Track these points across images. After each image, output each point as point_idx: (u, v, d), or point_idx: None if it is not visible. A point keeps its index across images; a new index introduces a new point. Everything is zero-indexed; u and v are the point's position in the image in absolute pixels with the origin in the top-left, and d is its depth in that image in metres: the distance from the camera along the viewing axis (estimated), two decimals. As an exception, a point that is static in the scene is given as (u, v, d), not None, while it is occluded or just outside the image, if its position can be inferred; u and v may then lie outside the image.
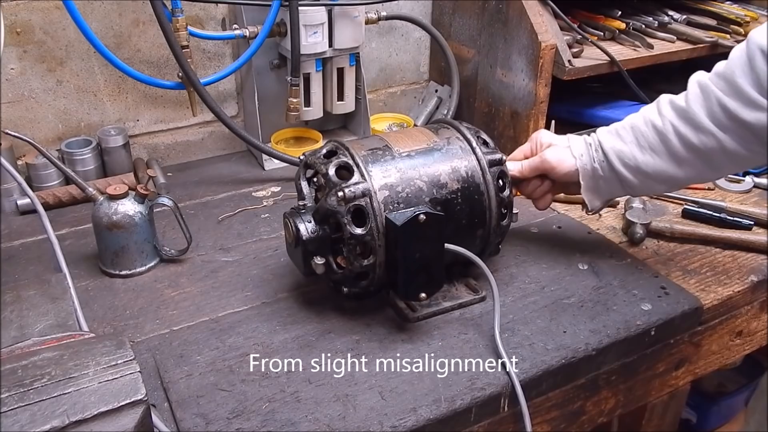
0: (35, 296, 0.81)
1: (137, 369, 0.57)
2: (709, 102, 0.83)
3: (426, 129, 0.91)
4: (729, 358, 1.10)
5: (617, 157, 0.90)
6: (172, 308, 0.90)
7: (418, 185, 0.82)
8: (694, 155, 0.85)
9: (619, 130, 0.92)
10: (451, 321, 0.87)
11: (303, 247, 0.82)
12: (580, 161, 0.93)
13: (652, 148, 0.88)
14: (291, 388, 0.76)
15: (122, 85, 1.24)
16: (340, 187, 0.79)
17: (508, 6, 1.24)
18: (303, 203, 0.85)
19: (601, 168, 0.92)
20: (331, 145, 0.85)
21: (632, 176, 0.90)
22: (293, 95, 1.23)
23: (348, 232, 0.79)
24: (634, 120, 0.91)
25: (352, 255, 0.80)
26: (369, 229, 0.79)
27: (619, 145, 0.90)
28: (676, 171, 0.88)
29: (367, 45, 1.44)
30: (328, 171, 0.81)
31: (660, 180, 0.90)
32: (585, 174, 0.93)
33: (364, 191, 0.79)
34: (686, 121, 0.85)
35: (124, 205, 0.93)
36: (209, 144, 1.37)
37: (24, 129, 1.17)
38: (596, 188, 0.94)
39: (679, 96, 0.87)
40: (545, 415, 0.87)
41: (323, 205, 0.80)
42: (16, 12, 1.11)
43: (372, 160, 0.82)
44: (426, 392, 0.75)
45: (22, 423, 0.51)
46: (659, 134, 0.87)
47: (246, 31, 1.17)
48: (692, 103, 0.84)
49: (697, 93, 0.84)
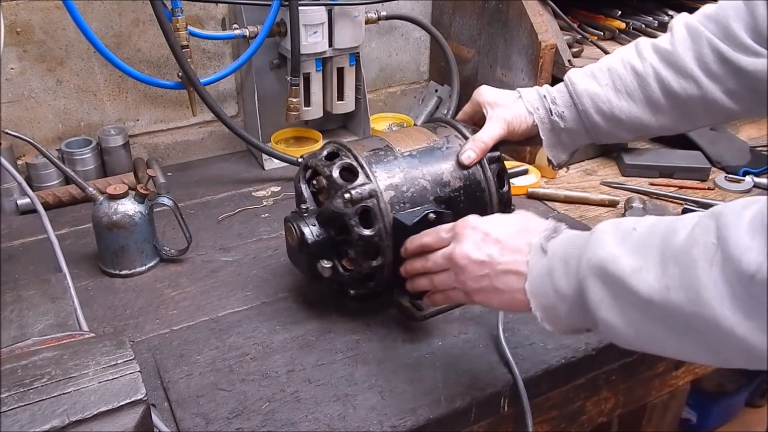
0: (35, 296, 0.81)
1: (137, 369, 0.57)
2: (698, 45, 0.79)
3: (424, 128, 0.91)
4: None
5: (591, 100, 0.84)
6: (172, 308, 0.90)
7: (422, 184, 0.82)
8: (672, 103, 0.82)
9: (594, 71, 0.86)
10: (451, 321, 0.87)
11: (308, 251, 0.81)
12: (537, 115, 0.87)
13: (629, 92, 0.83)
14: (291, 388, 0.76)
15: (122, 85, 1.24)
16: (346, 188, 0.78)
17: (508, 6, 1.24)
18: (305, 206, 0.84)
19: (562, 119, 0.86)
20: (331, 147, 0.85)
21: (603, 122, 0.85)
22: (293, 95, 1.23)
23: (356, 234, 0.78)
24: (612, 62, 0.85)
25: (360, 257, 0.80)
26: (377, 230, 0.79)
27: (593, 87, 0.84)
28: (650, 119, 0.83)
29: (367, 45, 1.44)
30: (332, 173, 0.80)
31: (631, 128, 0.85)
32: (544, 129, 0.87)
33: (371, 192, 0.79)
34: (669, 65, 0.81)
35: (124, 205, 0.93)
36: (209, 144, 1.37)
37: (24, 129, 1.17)
38: (558, 142, 0.88)
39: (662, 38, 0.83)
40: (545, 414, 0.87)
41: (328, 207, 0.80)
42: (16, 12, 1.11)
43: (375, 160, 0.82)
44: (426, 392, 0.75)
45: (22, 423, 0.51)
46: (638, 78, 0.82)
47: (246, 31, 1.17)
48: (678, 45, 0.80)
49: (684, 35, 0.80)
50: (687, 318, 0.50)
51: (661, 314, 0.52)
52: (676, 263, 0.51)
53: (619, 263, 0.54)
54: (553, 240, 0.63)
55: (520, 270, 0.63)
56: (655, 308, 0.52)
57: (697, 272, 0.49)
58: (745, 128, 1.50)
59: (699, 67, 0.79)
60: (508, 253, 0.65)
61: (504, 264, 0.65)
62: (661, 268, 0.52)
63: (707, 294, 0.48)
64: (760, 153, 1.34)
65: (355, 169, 0.80)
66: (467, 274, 0.67)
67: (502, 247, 0.65)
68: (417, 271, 0.75)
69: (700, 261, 0.49)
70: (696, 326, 0.50)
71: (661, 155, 1.33)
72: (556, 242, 0.62)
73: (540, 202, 1.18)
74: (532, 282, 0.62)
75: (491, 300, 0.67)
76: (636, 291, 0.53)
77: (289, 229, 0.84)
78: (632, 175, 1.27)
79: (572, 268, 0.58)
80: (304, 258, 0.82)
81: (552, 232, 0.64)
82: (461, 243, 0.68)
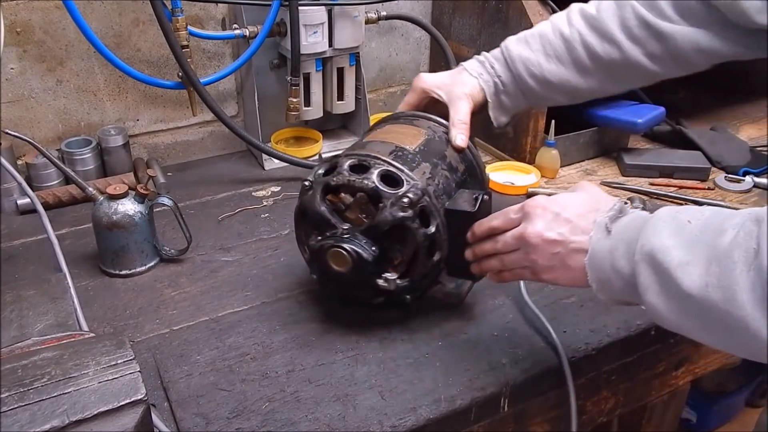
0: (35, 296, 0.81)
1: (137, 369, 0.57)
2: (622, 11, 0.85)
3: (405, 124, 0.90)
4: (729, 357, 1.10)
5: (523, 64, 0.90)
6: (172, 308, 0.90)
7: (444, 175, 0.84)
8: (597, 65, 0.87)
9: (527, 37, 0.91)
10: (451, 320, 0.87)
11: (370, 271, 0.78)
12: (482, 79, 0.92)
13: (558, 56, 0.88)
14: (291, 388, 0.76)
15: (122, 85, 1.24)
16: (402, 194, 0.76)
17: (508, 6, 1.24)
18: (345, 227, 0.78)
19: (502, 82, 0.91)
20: (352, 160, 0.80)
21: (537, 85, 0.90)
22: (293, 95, 1.23)
23: (421, 235, 0.77)
24: (543, 28, 0.91)
25: (423, 256, 0.79)
26: (436, 225, 0.79)
27: (526, 52, 0.90)
28: (579, 81, 0.89)
29: (367, 45, 1.44)
30: (377, 184, 0.77)
31: (563, 90, 0.91)
32: (489, 91, 0.92)
33: (423, 191, 0.78)
34: (594, 30, 0.86)
35: (124, 205, 0.93)
36: (209, 144, 1.37)
37: (24, 129, 1.17)
38: (500, 104, 0.93)
39: (590, 4, 0.88)
40: (545, 414, 0.87)
41: (384, 219, 0.76)
42: (16, 12, 1.11)
43: (402, 162, 0.81)
44: (426, 392, 0.76)
45: (22, 423, 0.51)
46: (566, 42, 0.88)
47: (246, 31, 1.17)
48: (604, 12, 0.86)
49: (610, 2, 0.86)
50: (720, 315, 0.54)
51: (698, 309, 0.55)
52: (718, 263, 0.54)
53: (669, 254, 0.57)
54: (618, 221, 0.65)
55: (588, 248, 0.66)
56: (693, 302, 0.55)
57: (735, 274, 0.52)
58: (745, 128, 1.50)
59: (622, 32, 0.85)
60: (579, 232, 0.67)
61: (575, 243, 0.67)
62: (705, 265, 0.55)
63: (742, 296, 0.52)
64: (760, 153, 1.34)
65: (395, 174, 0.79)
66: (539, 253, 0.69)
67: (573, 227, 0.67)
68: (486, 253, 0.77)
69: (739, 264, 0.52)
70: (728, 324, 0.54)
71: (661, 155, 1.33)
72: (621, 223, 0.65)
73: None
74: (593, 257, 0.65)
75: (560, 278, 0.69)
76: (679, 283, 0.56)
77: (336, 256, 0.77)
78: (632, 175, 1.27)
79: (630, 250, 0.61)
80: (364, 280, 0.78)
81: (618, 213, 0.66)
82: (533, 223, 0.69)
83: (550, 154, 1.25)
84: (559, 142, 1.25)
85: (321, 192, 0.79)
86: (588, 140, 1.32)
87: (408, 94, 0.96)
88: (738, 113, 1.58)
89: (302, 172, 1.25)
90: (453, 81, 0.92)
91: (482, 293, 0.92)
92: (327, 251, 0.78)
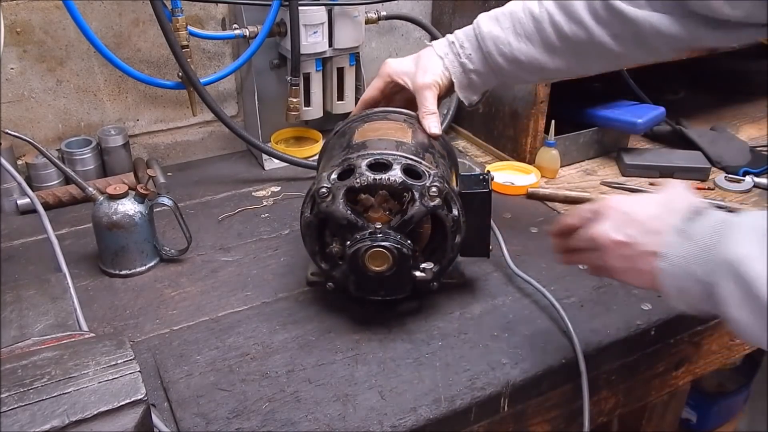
0: (35, 296, 0.81)
1: (137, 369, 0.57)
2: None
3: (386, 120, 0.92)
4: (729, 357, 1.10)
5: (494, 43, 0.90)
6: (172, 308, 0.90)
7: (442, 162, 0.87)
8: (565, 45, 0.88)
9: (498, 15, 0.91)
10: (452, 320, 0.87)
11: (410, 265, 0.79)
12: (447, 60, 0.92)
13: (527, 35, 0.89)
14: (291, 388, 0.76)
15: (122, 85, 1.24)
16: (429, 183, 0.77)
17: (508, 6, 1.24)
18: (378, 227, 0.77)
19: (470, 61, 0.92)
20: (368, 160, 0.79)
21: (506, 63, 0.91)
22: (293, 95, 1.23)
23: (450, 221, 0.79)
24: (514, 7, 0.91)
25: (451, 242, 0.81)
26: (458, 209, 0.81)
27: (496, 30, 0.90)
28: (547, 61, 0.90)
29: (367, 45, 1.44)
30: (405, 179, 0.77)
31: (532, 70, 0.92)
32: (455, 71, 0.93)
33: (443, 177, 0.80)
34: (562, 10, 0.87)
35: (124, 205, 0.93)
36: (209, 144, 1.37)
37: (24, 129, 1.17)
38: (469, 83, 0.94)
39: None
40: (545, 414, 0.87)
41: (418, 211, 0.77)
42: (16, 12, 1.11)
43: (413, 154, 0.82)
44: (426, 392, 0.76)
45: (22, 423, 0.51)
46: (535, 22, 0.88)
47: (246, 31, 1.17)
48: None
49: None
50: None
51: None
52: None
53: (752, 265, 0.54)
54: (696, 223, 0.62)
55: (660, 251, 0.63)
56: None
57: None
58: (745, 128, 1.50)
59: (589, 13, 0.85)
60: (650, 234, 0.64)
61: (646, 245, 0.64)
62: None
63: None
64: (760, 153, 1.34)
65: (415, 167, 0.79)
66: (609, 254, 0.68)
67: (645, 229, 0.65)
68: (564, 249, 0.77)
69: None
70: None
71: (661, 155, 1.33)
72: (699, 226, 0.61)
73: (540, 203, 1.18)
74: (670, 263, 0.61)
75: (632, 279, 0.68)
76: (761, 296, 0.53)
77: (376, 256, 0.77)
78: (632, 175, 1.27)
79: (709, 257, 0.58)
80: (403, 274, 0.79)
81: (694, 215, 0.63)
82: (603, 223, 0.68)
83: (550, 154, 1.25)
84: (559, 142, 1.25)
85: (343, 196, 0.78)
86: (588, 140, 1.32)
87: (374, 79, 0.98)
88: (738, 113, 1.58)
89: (302, 172, 1.25)
90: (417, 67, 0.93)
91: (482, 293, 0.92)
92: (365, 253, 0.76)
